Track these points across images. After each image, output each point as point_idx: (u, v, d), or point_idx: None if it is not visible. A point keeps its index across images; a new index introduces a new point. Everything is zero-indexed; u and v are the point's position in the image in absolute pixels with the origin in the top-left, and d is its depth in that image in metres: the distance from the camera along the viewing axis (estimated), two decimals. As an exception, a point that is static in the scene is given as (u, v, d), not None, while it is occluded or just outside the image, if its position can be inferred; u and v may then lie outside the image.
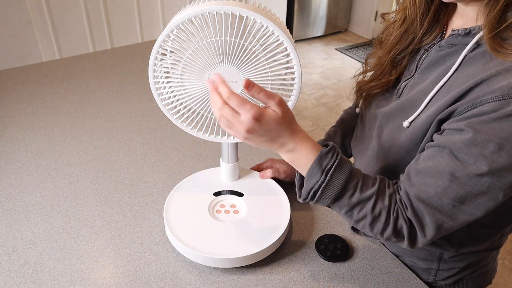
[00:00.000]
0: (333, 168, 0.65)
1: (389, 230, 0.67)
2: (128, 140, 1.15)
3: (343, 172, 0.66)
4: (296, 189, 0.71)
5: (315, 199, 0.67)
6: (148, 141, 1.15)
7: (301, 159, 0.67)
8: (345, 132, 1.00)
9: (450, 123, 0.62)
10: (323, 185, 0.65)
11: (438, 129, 0.66)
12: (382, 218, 0.66)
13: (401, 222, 0.66)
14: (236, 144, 0.86)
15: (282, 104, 0.64)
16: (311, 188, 0.67)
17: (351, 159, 0.95)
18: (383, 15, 0.84)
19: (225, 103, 0.62)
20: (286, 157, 0.69)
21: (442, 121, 0.65)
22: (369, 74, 0.86)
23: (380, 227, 0.67)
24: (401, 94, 0.76)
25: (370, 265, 0.80)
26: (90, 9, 2.76)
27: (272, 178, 0.94)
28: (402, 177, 0.68)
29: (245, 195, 0.89)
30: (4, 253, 0.81)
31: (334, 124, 1.04)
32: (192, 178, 0.93)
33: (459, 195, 0.61)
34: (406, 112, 0.72)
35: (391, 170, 0.75)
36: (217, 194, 0.89)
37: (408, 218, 0.65)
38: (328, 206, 0.70)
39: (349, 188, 0.66)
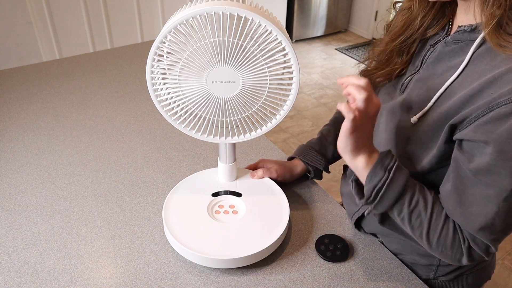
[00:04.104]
0: (394, 166, 0.67)
1: (448, 241, 0.67)
2: (128, 140, 1.15)
3: (404, 172, 0.67)
4: (355, 192, 0.72)
5: (378, 197, 0.68)
6: (148, 141, 1.15)
7: (363, 162, 0.70)
8: (339, 132, 1.00)
9: (470, 132, 0.61)
10: (386, 182, 0.66)
11: (450, 135, 0.65)
12: (439, 227, 0.67)
13: (460, 237, 0.67)
14: (234, 144, 0.86)
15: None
16: (375, 187, 0.67)
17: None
18: (394, 4, 0.84)
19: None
20: (363, 161, 0.69)
21: (454, 127, 0.64)
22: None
23: (435, 237, 0.68)
24: (405, 89, 0.76)
25: (370, 265, 0.80)
26: (90, 9, 2.76)
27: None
28: (448, 209, 0.68)
29: (243, 195, 0.89)
30: (4, 253, 0.81)
31: (327, 122, 1.03)
32: (190, 179, 0.93)
33: (508, 215, 0.62)
34: (413, 108, 0.71)
35: None
36: (215, 194, 0.89)
37: (466, 243, 0.67)
38: (385, 213, 0.71)
39: (409, 189, 0.67)
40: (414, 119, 0.70)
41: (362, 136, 0.68)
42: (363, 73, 0.85)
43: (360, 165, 0.69)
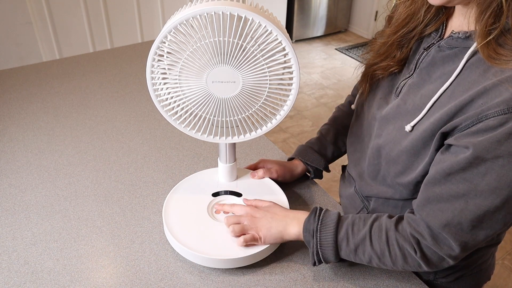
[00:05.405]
0: (318, 229, 0.73)
1: (400, 262, 0.69)
2: (128, 140, 1.15)
3: (329, 228, 0.72)
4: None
5: (322, 261, 0.74)
6: (148, 141, 1.15)
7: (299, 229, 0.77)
8: (338, 131, 1.00)
9: (457, 138, 0.62)
10: (318, 247, 0.73)
11: (441, 142, 0.65)
12: (386, 253, 0.69)
13: (409, 250, 0.67)
14: (234, 144, 0.86)
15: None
16: (312, 253, 0.74)
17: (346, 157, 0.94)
18: None
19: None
20: (295, 231, 0.77)
21: (445, 134, 0.64)
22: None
23: (389, 261, 0.70)
24: (399, 93, 0.76)
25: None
26: (90, 9, 2.76)
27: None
28: (415, 205, 0.69)
29: (243, 195, 0.89)
30: (4, 253, 0.81)
31: (326, 122, 1.03)
32: (190, 179, 0.93)
33: (476, 215, 0.61)
34: (407, 115, 0.71)
35: (391, 171, 0.75)
36: (215, 194, 0.89)
37: (427, 246, 0.66)
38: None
39: (342, 239, 0.72)
40: (408, 127, 0.70)
41: (267, 226, 0.77)
42: (364, 67, 0.85)
43: (293, 238, 0.77)
